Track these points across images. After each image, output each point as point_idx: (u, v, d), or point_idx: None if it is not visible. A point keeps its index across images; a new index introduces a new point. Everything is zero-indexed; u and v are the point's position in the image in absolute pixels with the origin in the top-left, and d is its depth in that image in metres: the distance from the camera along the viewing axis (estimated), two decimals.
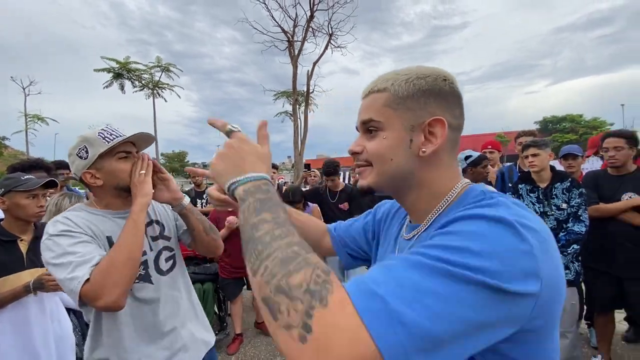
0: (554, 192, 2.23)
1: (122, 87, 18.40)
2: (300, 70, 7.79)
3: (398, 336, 0.36)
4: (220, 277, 3.11)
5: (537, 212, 2.24)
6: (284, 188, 3.18)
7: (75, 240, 0.96)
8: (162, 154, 54.56)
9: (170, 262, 1.23)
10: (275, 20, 7.79)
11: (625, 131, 2.38)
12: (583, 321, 2.69)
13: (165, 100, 19.47)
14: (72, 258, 0.92)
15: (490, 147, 3.60)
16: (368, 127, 0.60)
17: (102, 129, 1.07)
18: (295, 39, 7.45)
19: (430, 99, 0.56)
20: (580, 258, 2.22)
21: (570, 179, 2.25)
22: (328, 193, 3.27)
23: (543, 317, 0.44)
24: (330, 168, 3.44)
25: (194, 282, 3.18)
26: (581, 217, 2.13)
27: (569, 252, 2.14)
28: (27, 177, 1.61)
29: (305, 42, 7.53)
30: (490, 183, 3.03)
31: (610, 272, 2.27)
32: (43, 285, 1.49)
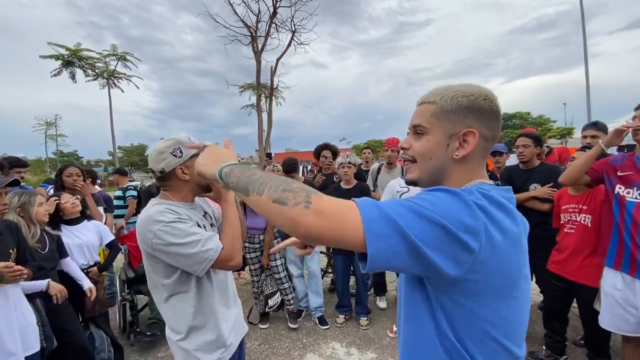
0: None
1: (73, 76, 17.05)
2: (264, 64, 7.86)
3: (373, 211, 0.58)
4: None
5: None
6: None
7: (188, 225, 1.19)
8: (119, 147, 51.39)
9: None
10: (237, 15, 7.81)
11: (531, 132, 2.84)
12: None
13: (122, 91, 18.44)
14: (197, 237, 1.17)
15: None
16: (416, 130, 0.77)
17: (190, 137, 1.29)
18: (258, 34, 7.49)
19: (469, 114, 0.72)
20: None
21: (489, 174, 2.66)
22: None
23: (480, 274, 0.61)
24: (290, 166, 3.68)
25: None
26: None
27: None
28: None
29: (269, 37, 7.59)
30: None
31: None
32: (3, 277, 1.59)
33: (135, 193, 4.60)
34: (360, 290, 3.30)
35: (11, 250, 1.77)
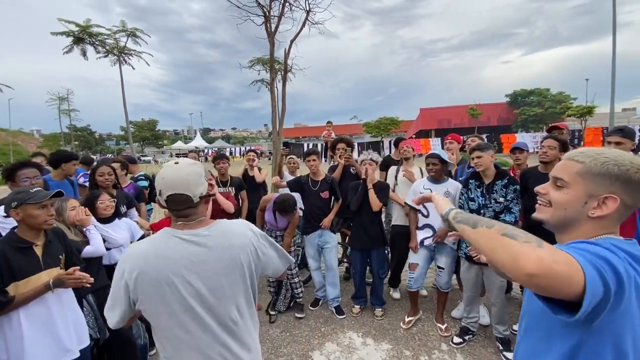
0: (494, 188, 2.66)
1: (84, 53, 16.95)
2: (277, 45, 7.70)
3: (594, 274, 0.64)
4: None
5: (480, 205, 2.68)
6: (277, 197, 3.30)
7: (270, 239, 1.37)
8: (130, 122, 51.67)
9: None
10: None
11: (560, 137, 2.82)
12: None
13: (133, 68, 18.29)
14: (279, 247, 1.37)
15: (450, 138, 4.02)
16: (557, 182, 0.85)
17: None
18: (272, 14, 7.28)
19: (617, 182, 0.77)
20: None
21: (508, 177, 2.67)
22: (310, 182, 3.56)
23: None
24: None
25: None
26: (512, 210, 2.60)
27: None
28: (36, 189, 1.79)
29: (283, 17, 7.37)
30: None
31: None
32: (63, 283, 1.75)
33: (146, 183, 4.69)
34: (376, 283, 3.45)
35: (60, 256, 1.92)
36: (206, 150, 34.51)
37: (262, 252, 1.28)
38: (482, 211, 2.66)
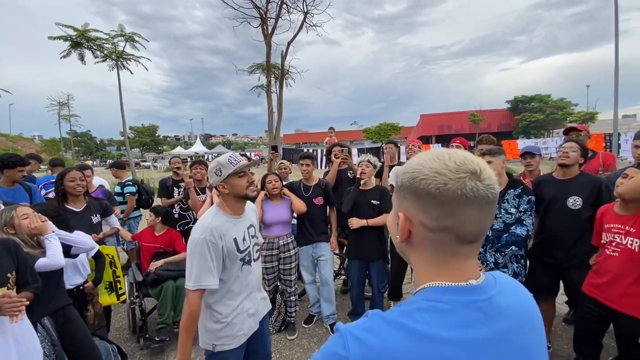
0: (506, 197, 2.40)
1: (82, 58, 16.73)
2: (274, 47, 7.51)
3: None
4: None
5: None
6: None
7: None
8: (130, 128, 51.46)
9: (257, 253, 1.84)
10: None
11: (581, 141, 2.56)
12: None
13: (132, 73, 18.10)
14: None
15: (457, 142, 3.77)
16: None
17: (230, 156, 1.66)
18: (268, 15, 7.09)
19: None
20: (521, 260, 2.46)
21: (522, 186, 2.41)
22: (302, 188, 3.31)
23: None
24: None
25: (167, 279, 3.20)
26: (524, 222, 2.32)
27: (507, 252, 2.36)
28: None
29: (280, 19, 7.19)
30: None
31: (550, 262, 2.54)
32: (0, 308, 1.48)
33: (134, 189, 4.50)
34: (376, 297, 3.16)
35: (9, 274, 1.65)
36: (207, 156, 34.47)
37: None
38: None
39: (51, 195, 3.74)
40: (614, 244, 2.09)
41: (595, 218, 2.27)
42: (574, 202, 2.41)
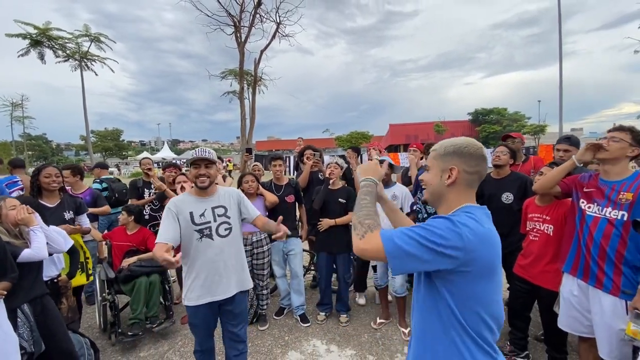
0: None
1: (41, 57, 15.83)
2: (247, 55, 7.69)
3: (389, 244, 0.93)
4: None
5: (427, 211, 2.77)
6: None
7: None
8: (92, 132, 48.60)
9: (228, 231, 2.09)
10: (221, 3, 7.54)
11: (512, 147, 3.01)
12: None
13: (96, 74, 17.40)
14: None
15: (414, 146, 4.17)
16: (426, 169, 1.16)
17: (200, 149, 2.09)
18: (242, 24, 7.29)
19: (454, 156, 1.07)
20: None
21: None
22: (273, 187, 3.53)
23: (470, 266, 0.92)
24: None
25: (140, 275, 3.28)
26: None
27: None
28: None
29: (253, 28, 7.40)
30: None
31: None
32: None
33: (100, 186, 4.55)
34: (342, 288, 3.43)
35: None
36: (176, 162, 33.43)
37: None
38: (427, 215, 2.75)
39: (14, 194, 3.70)
40: (535, 230, 2.51)
41: (522, 210, 2.69)
42: (507, 197, 2.83)
